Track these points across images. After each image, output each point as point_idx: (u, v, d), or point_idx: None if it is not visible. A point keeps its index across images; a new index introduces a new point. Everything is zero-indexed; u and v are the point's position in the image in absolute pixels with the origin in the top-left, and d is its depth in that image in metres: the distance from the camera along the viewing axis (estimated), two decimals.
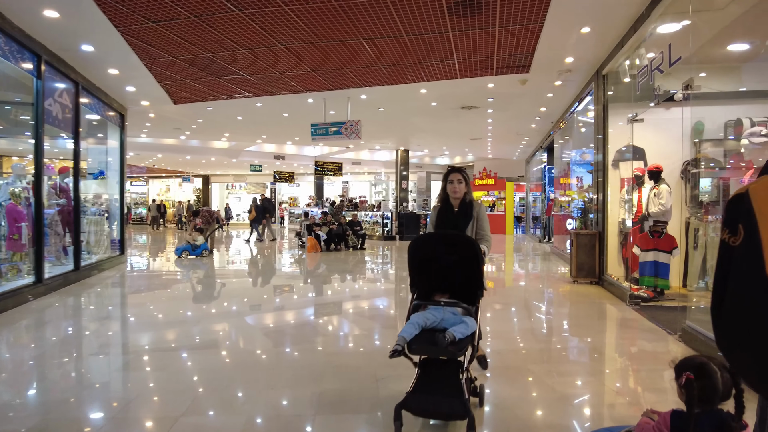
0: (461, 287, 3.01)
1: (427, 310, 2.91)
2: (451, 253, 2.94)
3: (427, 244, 3.05)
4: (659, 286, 6.44)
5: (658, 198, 6.48)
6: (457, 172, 3.41)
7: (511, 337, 4.91)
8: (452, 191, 3.39)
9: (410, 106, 11.09)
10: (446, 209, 3.43)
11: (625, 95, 7.74)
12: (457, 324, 2.77)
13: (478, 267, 2.88)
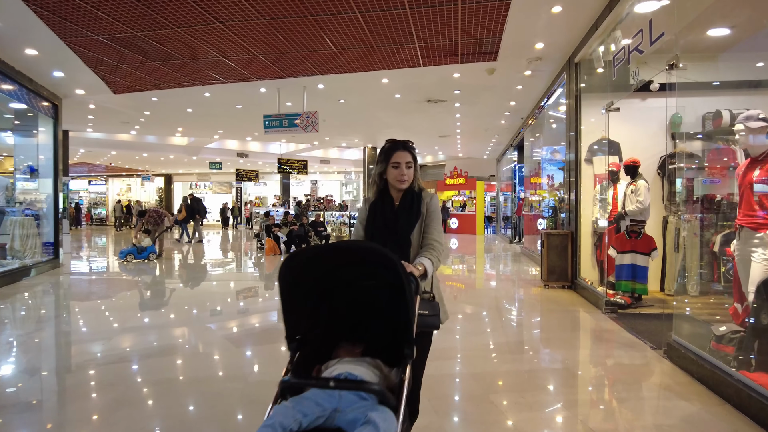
0: (378, 338, 1.92)
1: (305, 399, 1.54)
2: (360, 277, 1.87)
3: (314, 265, 1.75)
4: (637, 291, 5.88)
5: (635, 195, 5.92)
6: (405, 150, 2.21)
7: (473, 355, 4.23)
8: (397, 178, 2.20)
9: (373, 99, 10.37)
10: (383, 204, 2.25)
11: (599, 85, 7.19)
12: (360, 425, 1.44)
13: (406, 303, 1.66)
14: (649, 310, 5.69)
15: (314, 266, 1.76)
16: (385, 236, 2.18)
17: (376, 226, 2.24)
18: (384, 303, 1.88)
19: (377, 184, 2.30)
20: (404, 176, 2.20)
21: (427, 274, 2.05)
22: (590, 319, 5.43)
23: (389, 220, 2.22)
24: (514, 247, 15.11)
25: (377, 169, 2.27)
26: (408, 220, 2.22)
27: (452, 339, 4.67)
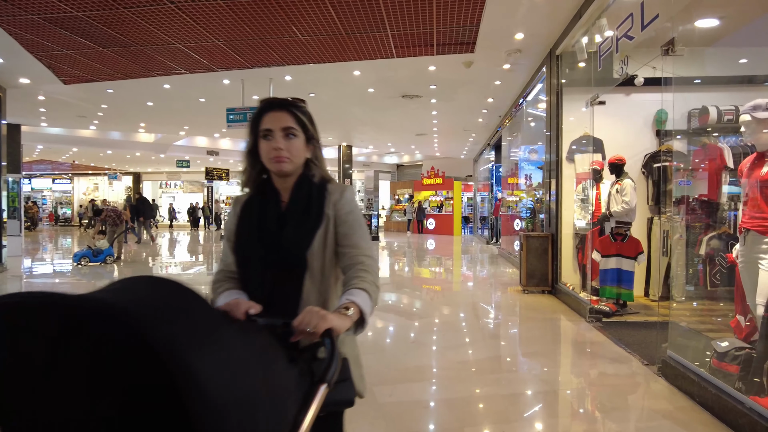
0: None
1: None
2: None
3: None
4: (622, 298, 5.50)
5: (620, 195, 5.55)
6: (281, 109, 1.41)
7: (447, 376, 3.75)
8: (269, 156, 1.35)
9: (346, 93, 9.84)
10: (261, 204, 1.39)
11: (582, 79, 6.82)
12: None
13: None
14: (636, 318, 5.32)
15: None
16: (262, 258, 1.32)
17: (246, 240, 1.35)
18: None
19: (249, 171, 1.42)
20: (281, 153, 1.33)
21: (364, 321, 1.18)
22: (574, 328, 5.02)
23: (268, 229, 1.34)
24: (491, 248, 14.77)
25: (247, 146, 1.41)
26: (301, 227, 1.34)
27: (425, 355, 4.19)
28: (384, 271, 10.04)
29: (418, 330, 4.95)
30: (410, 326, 5.13)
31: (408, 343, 4.45)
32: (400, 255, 13.42)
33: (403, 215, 23.98)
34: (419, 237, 19.71)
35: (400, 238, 19.60)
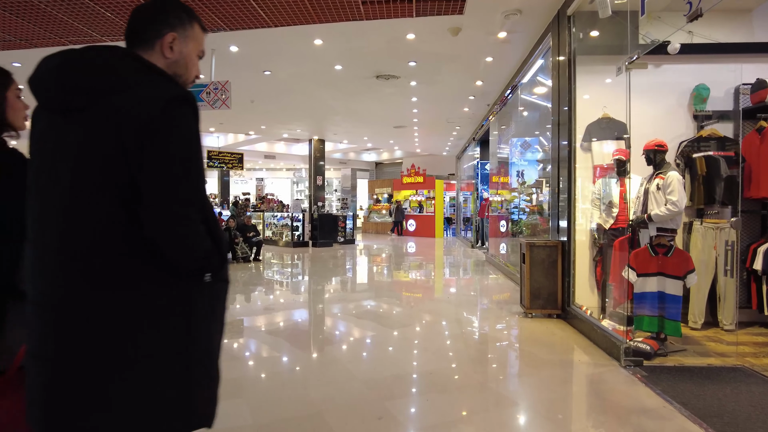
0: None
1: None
2: None
3: None
4: (666, 332, 4.06)
5: (664, 192, 4.11)
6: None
7: None
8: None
9: (308, 71, 8.26)
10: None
11: (602, 46, 5.40)
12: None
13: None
14: (687, 359, 3.88)
15: None
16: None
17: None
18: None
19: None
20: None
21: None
22: (610, 382, 3.54)
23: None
24: (477, 253, 13.36)
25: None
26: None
27: (391, 427, 2.68)
28: (351, 285, 8.50)
29: (389, 392, 3.42)
30: (379, 385, 3.60)
31: (374, 421, 2.92)
32: (372, 263, 11.89)
33: (382, 216, 22.48)
34: (399, 240, 18.22)
35: (378, 240, 18.08)
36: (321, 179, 16.59)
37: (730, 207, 4.86)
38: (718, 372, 3.60)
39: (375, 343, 4.58)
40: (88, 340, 1.09)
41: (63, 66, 1.16)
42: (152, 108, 1.09)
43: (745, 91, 5.00)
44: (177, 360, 1.15)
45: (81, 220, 1.10)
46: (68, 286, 1.10)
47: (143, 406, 1.12)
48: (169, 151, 1.11)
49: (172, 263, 1.15)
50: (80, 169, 1.10)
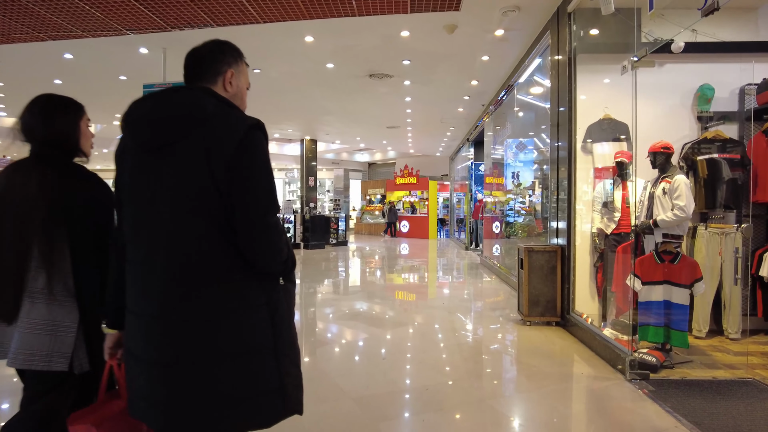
0: None
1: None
2: None
3: None
4: (672, 342, 3.89)
5: (670, 197, 3.93)
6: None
7: None
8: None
9: (300, 70, 8.02)
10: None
11: (603, 44, 5.23)
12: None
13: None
14: (695, 371, 3.70)
15: None
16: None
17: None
18: None
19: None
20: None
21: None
22: (616, 398, 3.35)
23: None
24: (471, 255, 13.20)
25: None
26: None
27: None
28: (343, 289, 8.28)
29: (382, 413, 3.21)
30: (372, 404, 3.39)
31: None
32: (364, 266, 11.68)
33: (375, 217, 22.27)
34: (392, 241, 18.02)
35: (371, 242, 17.87)
36: (313, 180, 16.34)
37: (735, 211, 4.71)
38: (729, 386, 3.43)
39: (366, 354, 4.36)
40: (197, 341, 1.27)
41: (155, 108, 1.32)
42: (235, 135, 1.26)
43: (751, 92, 4.85)
44: (268, 353, 1.33)
45: (183, 241, 1.27)
46: (175, 298, 1.27)
47: (251, 390, 1.30)
48: (254, 171, 1.28)
49: (259, 268, 1.32)
50: (177, 198, 1.27)
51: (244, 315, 1.31)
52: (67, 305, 1.59)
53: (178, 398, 1.28)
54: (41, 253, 1.56)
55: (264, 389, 1.33)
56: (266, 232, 1.30)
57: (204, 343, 1.28)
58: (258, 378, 1.32)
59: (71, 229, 1.61)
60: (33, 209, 1.56)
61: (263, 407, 1.33)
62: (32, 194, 1.56)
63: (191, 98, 1.32)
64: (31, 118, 1.68)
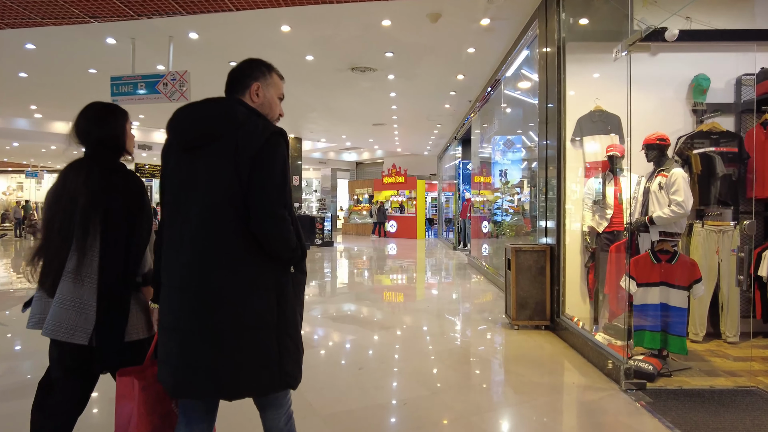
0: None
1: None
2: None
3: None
4: (670, 349, 3.62)
5: (667, 192, 3.66)
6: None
7: None
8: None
9: (278, 62, 7.52)
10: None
11: (596, 32, 4.97)
12: None
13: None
14: (694, 379, 3.43)
15: None
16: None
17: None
18: None
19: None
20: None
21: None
22: (611, 412, 3.06)
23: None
24: (459, 254, 12.93)
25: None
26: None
27: None
28: (323, 294, 7.97)
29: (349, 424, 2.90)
30: (343, 422, 3.08)
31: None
32: (350, 267, 11.36)
33: (363, 217, 21.95)
34: (379, 242, 17.71)
35: (359, 242, 17.54)
36: (298, 179, 15.97)
37: (732, 208, 4.46)
38: (732, 396, 3.16)
39: (344, 363, 4.04)
40: (211, 314, 1.47)
41: (195, 114, 1.58)
42: (260, 138, 1.50)
43: (748, 82, 4.61)
44: (273, 330, 1.52)
45: (214, 227, 1.49)
46: (197, 276, 1.49)
47: (260, 359, 1.51)
48: (271, 170, 1.50)
49: (270, 254, 1.53)
50: (210, 190, 1.50)
51: (254, 295, 1.50)
52: (91, 285, 1.78)
53: (188, 362, 1.48)
54: (77, 239, 1.76)
55: (264, 361, 1.50)
56: (276, 222, 1.50)
57: (217, 316, 1.47)
58: (260, 350, 1.51)
59: (106, 219, 1.78)
60: (77, 200, 1.77)
61: (262, 377, 1.51)
62: (78, 187, 1.78)
63: (225, 107, 1.57)
64: (87, 122, 1.89)
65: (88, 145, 1.89)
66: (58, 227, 1.79)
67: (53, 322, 1.73)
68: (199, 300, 1.49)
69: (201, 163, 1.52)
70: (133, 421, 1.68)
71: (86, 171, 1.81)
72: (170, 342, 1.53)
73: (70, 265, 1.77)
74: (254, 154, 1.48)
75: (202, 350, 1.48)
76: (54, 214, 1.82)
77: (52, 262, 1.80)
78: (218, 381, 1.49)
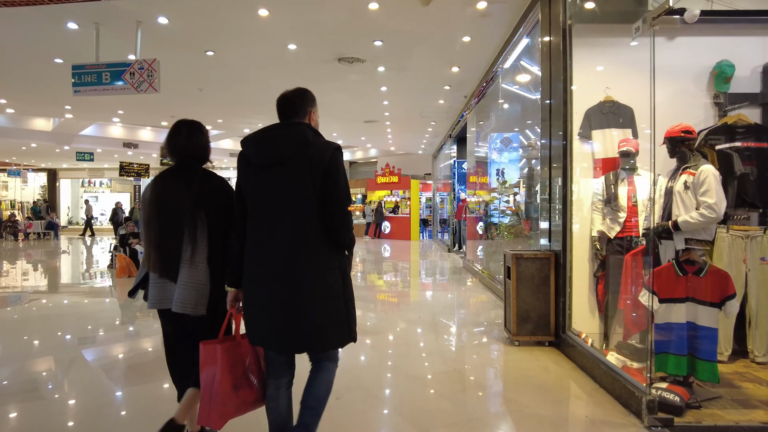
0: None
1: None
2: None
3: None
4: (698, 376, 3.10)
5: (695, 192, 3.15)
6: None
7: None
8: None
9: (259, 53, 7.13)
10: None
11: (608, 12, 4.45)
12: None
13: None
14: (732, 415, 2.91)
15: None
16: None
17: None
18: None
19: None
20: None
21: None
22: None
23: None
24: (454, 257, 12.42)
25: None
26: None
27: None
28: None
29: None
30: None
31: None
32: None
33: (356, 217, 21.40)
34: (373, 243, 17.17)
35: None
36: None
37: (761, 211, 3.96)
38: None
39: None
40: (306, 288, 1.95)
41: (275, 138, 2.02)
42: (327, 154, 1.98)
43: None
44: (343, 298, 2.03)
45: (300, 225, 1.97)
46: (291, 261, 1.95)
47: (335, 321, 2.00)
48: (338, 178, 2.00)
49: (335, 241, 2.01)
50: (295, 198, 1.97)
51: (327, 273, 1.98)
52: (204, 269, 2.20)
53: (289, 326, 1.96)
54: (188, 234, 2.18)
55: (338, 322, 2.01)
56: (344, 216, 2.01)
57: (306, 290, 1.94)
58: (336, 314, 2.00)
59: (208, 216, 2.21)
60: (184, 204, 2.18)
61: (339, 334, 2.01)
62: (182, 193, 2.19)
63: (300, 131, 2.01)
64: (180, 138, 2.28)
65: (181, 157, 2.28)
66: (170, 228, 2.20)
67: (180, 300, 2.16)
68: (292, 281, 1.93)
69: (284, 177, 1.96)
70: (217, 378, 2.05)
71: (185, 179, 2.23)
72: (266, 315, 1.98)
73: (186, 255, 2.18)
74: (325, 167, 1.94)
75: (299, 317, 1.93)
76: (163, 218, 2.22)
77: (171, 254, 2.19)
78: (311, 339, 1.96)
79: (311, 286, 1.93)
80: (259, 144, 2.01)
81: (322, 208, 1.96)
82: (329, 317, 1.96)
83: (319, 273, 1.95)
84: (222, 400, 2.04)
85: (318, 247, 1.96)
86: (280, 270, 1.93)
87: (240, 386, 2.10)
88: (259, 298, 1.98)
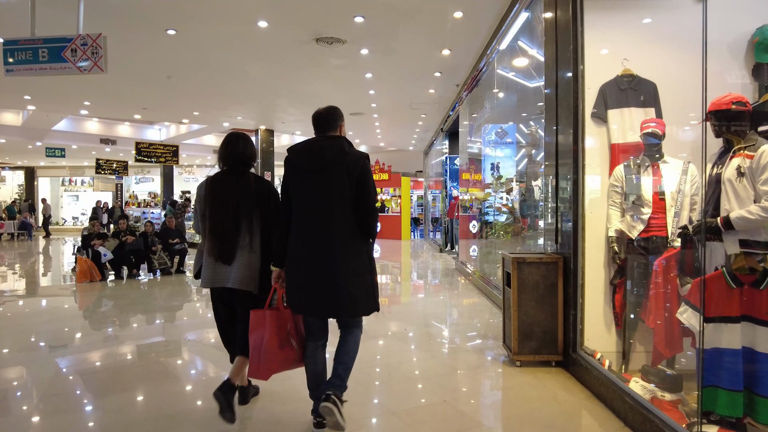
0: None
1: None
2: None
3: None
4: (760, 420, 2.40)
5: (753, 179, 2.45)
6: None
7: None
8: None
9: (226, 33, 6.37)
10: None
11: None
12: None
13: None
14: None
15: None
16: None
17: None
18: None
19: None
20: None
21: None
22: None
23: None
24: (447, 258, 11.74)
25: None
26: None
27: None
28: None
29: None
30: None
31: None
32: None
33: None
34: None
35: None
36: (270, 175, 14.64)
37: None
38: None
39: (277, 425, 2.77)
40: (344, 268, 2.44)
41: (319, 148, 2.48)
42: (360, 163, 2.48)
43: None
44: (370, 275, 2.54)
45: (341, 218, 2.46)
46: (336, 246, 2.44)
47: (364, 293, 2.52)
48: (368, 181, 2.50)
49: (366, 233, 2.53)
50: (337, 197, 2.46)
51: (359, 256, 2.50)
52: (258, 254, 2.75)
53: (331, 297, 2.44)
54: (247, 224, 2.71)
55: (367, 294, 2.52)
56: (372, 212, 2.51)
57: (347, 268, 2.44)
58: (365, 288, 2.51)
59: (262, 210, 2.75)
60: (243, 202, 2.72)
61: (369, 303, 2.53)
62: (242, 193, 2.73)
63: (339, 143, 2.49)
64: (237, 147, 2.81)
65: (235, 163, 2.80)
66: (230, 221, 2.69)
67: (239, 278, 2.66)
68: (334, 261, 2.43)
69: (327, 180, 2.46)
70: (266, 339, 2.53)
71: (244, 182, 2.77)
72: (311, 288, 2.47)
73: (245, 242, 2.70)
74: (358, 173, 2.46)
75: (336, 290, 2.43)
76: (224, 213, 2.71)
77: (231, 243, 2.69)
78: (345, 307, 2.46)
79: (349, 266, 2.43)
80: (309, 152, 2.49)
81: (355, 205, 2.47)
82: (361, 290, 2.48)
83: (355, 255, 2.47)
84: (269, 356, 2.51)
85: (354, 235, 2.47)
86: (324, 252, 2.43)
87: (283, 346, 2.57)
88: (304, 275, 2.47)
